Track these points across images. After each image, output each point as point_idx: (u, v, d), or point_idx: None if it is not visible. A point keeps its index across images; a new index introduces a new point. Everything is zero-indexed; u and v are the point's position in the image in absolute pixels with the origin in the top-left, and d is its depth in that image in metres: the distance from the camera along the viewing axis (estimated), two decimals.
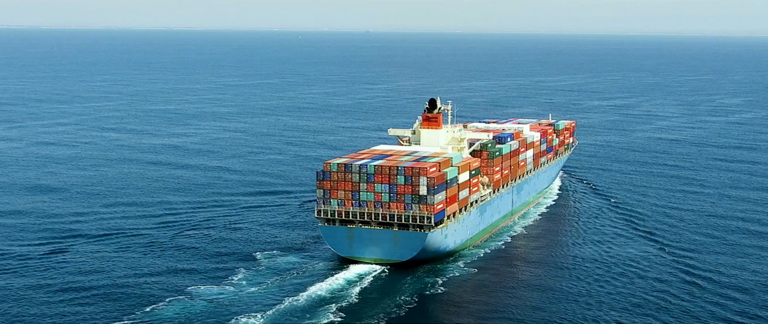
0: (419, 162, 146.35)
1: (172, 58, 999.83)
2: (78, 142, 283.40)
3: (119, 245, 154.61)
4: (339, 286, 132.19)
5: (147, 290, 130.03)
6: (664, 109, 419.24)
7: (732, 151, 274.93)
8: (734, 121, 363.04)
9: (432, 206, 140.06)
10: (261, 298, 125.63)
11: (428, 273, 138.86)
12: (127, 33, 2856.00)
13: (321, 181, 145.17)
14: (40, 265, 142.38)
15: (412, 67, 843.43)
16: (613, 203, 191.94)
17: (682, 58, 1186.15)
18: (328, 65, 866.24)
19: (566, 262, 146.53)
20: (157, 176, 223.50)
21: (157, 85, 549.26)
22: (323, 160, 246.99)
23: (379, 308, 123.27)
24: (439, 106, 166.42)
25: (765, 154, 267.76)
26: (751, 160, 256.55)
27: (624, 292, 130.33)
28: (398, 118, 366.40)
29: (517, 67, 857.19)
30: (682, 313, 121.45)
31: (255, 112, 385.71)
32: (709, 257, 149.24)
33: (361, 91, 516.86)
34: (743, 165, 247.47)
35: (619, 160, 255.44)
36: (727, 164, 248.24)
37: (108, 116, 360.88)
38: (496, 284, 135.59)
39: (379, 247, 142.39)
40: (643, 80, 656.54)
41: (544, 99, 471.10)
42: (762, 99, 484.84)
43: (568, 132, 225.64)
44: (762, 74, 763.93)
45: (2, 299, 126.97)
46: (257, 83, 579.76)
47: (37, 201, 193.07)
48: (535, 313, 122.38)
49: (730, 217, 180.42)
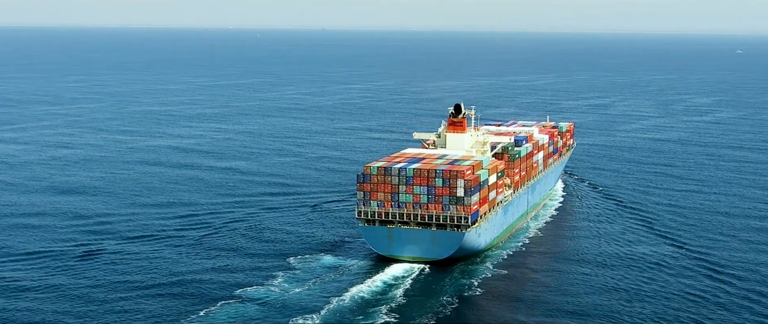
0: (454, 165, 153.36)
1: (131, 58, 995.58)
2: (77, 144, 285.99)
3: (152, 247, 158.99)
4: (381, 286, 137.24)
5: (194, 292, 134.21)
6: (639, 108, 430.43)
7: (720, 149, 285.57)
8: (712, 121, 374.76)
9: (468, 207, 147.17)
10: (308, 299, 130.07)
11: (463, 274, 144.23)
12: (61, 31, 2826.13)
13: (361, 184, 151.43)
14: (79, 266, 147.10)
15: (380, 66, 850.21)
16: (618, 202, 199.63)
17: (648, 56, 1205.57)
18: (297, 64, 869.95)
19: (590, 261, 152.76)
20: (171, 177, 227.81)
21: (137, 86, 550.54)
22: (326, 160, 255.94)
23: (427, 308, 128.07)
24: (463, 111, 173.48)
25: (753, 153, 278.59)
26: (740, 158, 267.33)
27: (656, 289, 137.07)
28: (386, 118, 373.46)
29: (487, 66, 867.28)
30: (717, 306, 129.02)
31: (246, 113, 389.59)
32: (728, 254, 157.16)
33: (340, 92, 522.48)
34: (733, 164, 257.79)
35: (614, 159, 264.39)
36: (718, 162, 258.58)
37: (101, 118, 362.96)
38: (529, 283, 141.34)
39: (417, 246, 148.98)
40: (613, 79, 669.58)
41: (523, 99, 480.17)
42: (731, 98, 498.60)
43: (569, 133, 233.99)
44: (725, 73, 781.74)
45: (54, 299, 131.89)
46: (234, 84, 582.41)
47: (60, 202, 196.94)
48: (572, 310, 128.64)
49: (736, 215, 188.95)
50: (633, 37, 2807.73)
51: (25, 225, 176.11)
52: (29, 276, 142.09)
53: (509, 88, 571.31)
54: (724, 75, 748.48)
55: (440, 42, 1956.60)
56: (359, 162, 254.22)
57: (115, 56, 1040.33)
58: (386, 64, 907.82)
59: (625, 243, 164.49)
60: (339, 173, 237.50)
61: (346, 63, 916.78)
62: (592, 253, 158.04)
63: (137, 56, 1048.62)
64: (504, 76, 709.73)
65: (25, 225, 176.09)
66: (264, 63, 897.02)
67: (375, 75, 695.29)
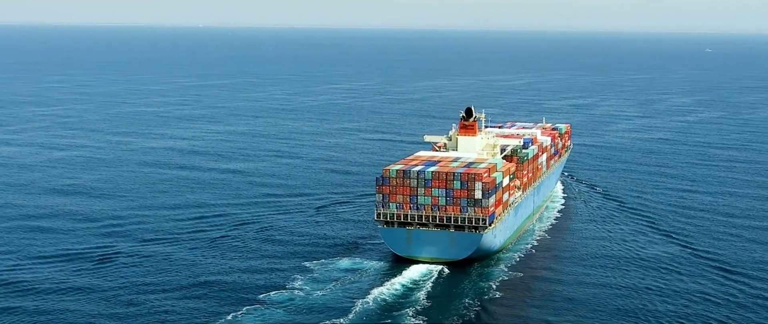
0: (471, 168, 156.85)
1: (105, 57, 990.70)
2: (74, 146, 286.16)
3: (167, 249, 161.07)
4: (401, 288, 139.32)
5: (218, 295, 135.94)
6: (622, 109, 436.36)
7: (708, 149, 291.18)
8: (696, 121, 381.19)
9: (486, 209, 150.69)
10: (332, 302, 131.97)
11: (481, 277, 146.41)
12: (31, 29, 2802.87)
13: (380, 186, 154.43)
14: (100, 269, 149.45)
15: (358, 65, 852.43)
16: (619, 203, 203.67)
17: (620, 55, 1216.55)
18: (275, 64, 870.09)
19: (602, 262, 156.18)
20: (173, 179, 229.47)
21: (120, 86, 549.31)
22: (324, 161, 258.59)
23: (451, 310, 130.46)
24: (474, 115, 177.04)
25: (741, 152, 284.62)
26: (730, 158, 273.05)
27: (674, 289, 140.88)
28: (375, 119, 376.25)
29: (463, 66, 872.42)
30: (737, 306, 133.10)
31: (237, 114, 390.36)
32: (737, 253, 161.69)
33: (325, 92, 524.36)
34: (724, 163, 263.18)
35: (607, 159, 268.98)
36: (709, 162, 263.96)
37: (92, 119, 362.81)
38: (548, 284, 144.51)
39: (435, 247, 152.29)
40: (591, 79, 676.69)
41: (506, 100, 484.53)
42: (711, 98, 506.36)
43: (567, 135, 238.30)
44: (701, 72, 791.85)
45: (81, 301, 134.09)
46: (217, 84, 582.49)
47: (68, 205, 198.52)
48: (597, 309, 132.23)
49: (737, 215, 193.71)
50: (598, 36, 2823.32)
51: (38, 228, 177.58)
52: (51, 277, 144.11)
53: (491, 88, 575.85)
54: (700, 74, 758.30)
55: (416, 41, 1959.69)
56: (357, 163, 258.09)
57: (88, 56, 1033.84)
58: (364, 64, 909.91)
59: (633, 243, 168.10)
60: (339, 174, 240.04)
61: (324, 63, 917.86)
62: (603, 253, 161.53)
63: (112, 55, 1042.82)
64: (483, 75, 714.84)
65: (37, 228, 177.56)
66: (242, 62, 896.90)
67: (356, 75, 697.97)
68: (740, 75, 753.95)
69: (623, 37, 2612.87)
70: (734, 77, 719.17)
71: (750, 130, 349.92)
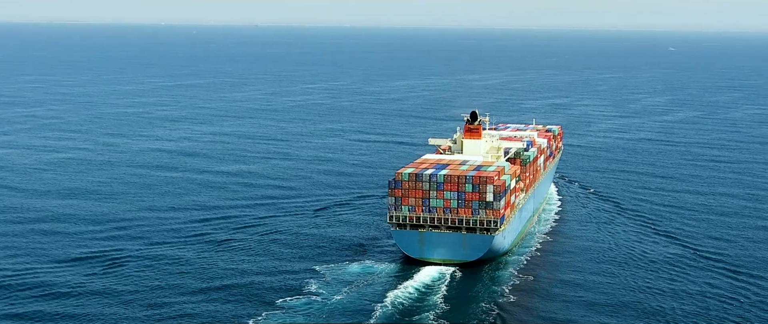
0: (482, 171, 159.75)
1: (74, 56, 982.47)
2: (64, 148, 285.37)
3: (176, 254, 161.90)
4: (416, 292, 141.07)
5: (235, 299, 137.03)
6: (599, 109, 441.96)
7: (691, 148, 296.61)
8: (675, 121, 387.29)
9: (498, 211, 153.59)
10: (351, 306, 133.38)
11: (493, 281, 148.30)
12: None
13: (393, 189, 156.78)
14: (112, 272, 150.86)
15: (331, 65, 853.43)
16: (614, 203, 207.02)
17: (586, 54, 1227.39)
18: (246, 63, 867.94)
19: (609, 262, 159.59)
20: (168, 181, 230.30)
21: (97, 87, 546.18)
22: (317, 162, 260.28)
23: (470, 314, 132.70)
24: (479, 118, 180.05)
25: (723, 152, 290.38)
26: (715, 158, 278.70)
27: (684, 288, 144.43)
28: (358, 120, 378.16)
29: (438, 65, 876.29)
30: (750, 305, 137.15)
31: (218, 114, 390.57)
32: (737, 251, 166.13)
33: (303, 92, 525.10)
34: (711, 163, 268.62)
35: (594, 159, 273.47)
36: (694, 161, 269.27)
37: (76, 121, 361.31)
38: (556, 287, 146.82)
39: (447, 249, 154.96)
40: (562, 78, 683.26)
41: (484, 100, 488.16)
42: (683, 98, 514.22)
43: (559, 136, 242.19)
44: (669, 71, 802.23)
45: (101, 304, 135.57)
46: (193, 84, 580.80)
47: (70, 207, 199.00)
48: (614, 309, 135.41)
49: (731, 214, 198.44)
50: (561, 34, 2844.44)
51: (42, 231, 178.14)
52: (66, 281, 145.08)
53: (465, 87, 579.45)
54: (668, 74, 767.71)
55: (381, 40, 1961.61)
56: (349, 164, 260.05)
57: (51, 54, 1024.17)
58: (337, 62, 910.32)
59: (637, 244, 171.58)
60: (333, 176, 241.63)
61: (295, 62, 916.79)
62: (608, 254, 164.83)
63: (74, 55, 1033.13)
64: (456, 75, 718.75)
65: (41, 231, 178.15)
66: (213, 61, 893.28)
67: (330, 75, 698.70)
68: (707, 74, 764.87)
69: (583, 36, 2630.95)
70: (702, 77, 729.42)
71: (728, 129, 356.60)
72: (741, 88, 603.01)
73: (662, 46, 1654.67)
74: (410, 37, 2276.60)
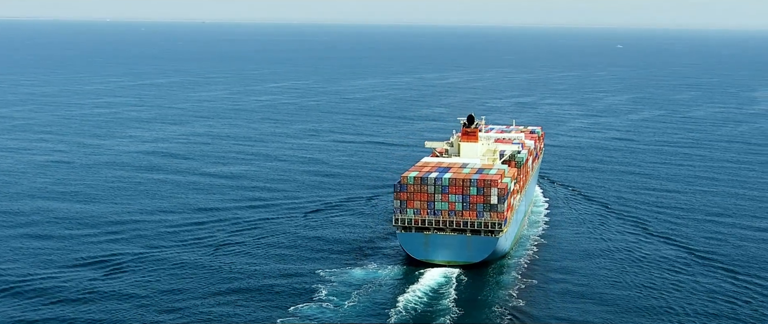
0: (484, 174, 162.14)
1: (24, 54, 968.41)
2: (39, 150, 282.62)
3: (177, 257, 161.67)
4: (425, 296, 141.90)
5: (246, 309, 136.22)
6: (564, 108, 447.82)
7: (663, 147, 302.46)
8: (641, 119, 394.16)
9: (501, 213, 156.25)
10: (364, 312, 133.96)
11: (498, 286, 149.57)
12: None
13: (398, 193, 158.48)
14: (116, 275, 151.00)
15: (291, 63, 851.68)
16: (602, 204, 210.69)
17: (539, 52, 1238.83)
18: (206, 62, 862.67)
19: (609, 262, 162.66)
20: (154, 182, 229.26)
21: (57, 87, 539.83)
22: (299, 163, 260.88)
23: (485, 318, 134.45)
24: (476, 122, 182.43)
25: (694, 150, 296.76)
26: (691, 156, 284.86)
27: (684, 286, 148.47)
28: (330, 120, 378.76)
29: (398, 63, 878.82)
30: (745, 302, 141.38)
31: (188, 115, 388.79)
32: (732, 251, 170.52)
33: (267, 91, 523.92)
34: (687, 161, 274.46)
35: (572, 158, 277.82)
36: (668, 159, 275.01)
37: (44, 122, 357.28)
38: (561, 290, 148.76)
39: (452, 251, 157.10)
40: (522, 76, 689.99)
41: (449, 100, 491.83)
42: (644, 96, 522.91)
43: (542, 137, 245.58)
44: (624, 69, 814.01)
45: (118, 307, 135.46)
46: (154, 83, 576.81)
47: (59, 210, 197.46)
48: (625, 308, 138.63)
49: (722, 213, 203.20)
50: (510, 31, 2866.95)
51: (36, 235, 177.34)
52: (70, 286, 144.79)
53: (429, 87, 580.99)
54: (623, 72, 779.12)
55: (328, 36, 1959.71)
56: (329, 164, 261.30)
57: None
58: (296, 61, 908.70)
59: (631, 244, 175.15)
60: (319, 177, 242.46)
61: (252, 60, 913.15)
62: (608, 254, 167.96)
63: (26, 52, 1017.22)
64: (418, 73, 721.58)
65: (34, 235, 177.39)
66: (171, 60, 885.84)
67: (290, 73, 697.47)
68: (661, 73, 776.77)
69: (532, 33, 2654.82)
70: (656, 75, 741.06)
71: (694, 128, 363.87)
72: (698, 86, 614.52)
73: (610, 44, 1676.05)
74: (363, 34, 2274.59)
